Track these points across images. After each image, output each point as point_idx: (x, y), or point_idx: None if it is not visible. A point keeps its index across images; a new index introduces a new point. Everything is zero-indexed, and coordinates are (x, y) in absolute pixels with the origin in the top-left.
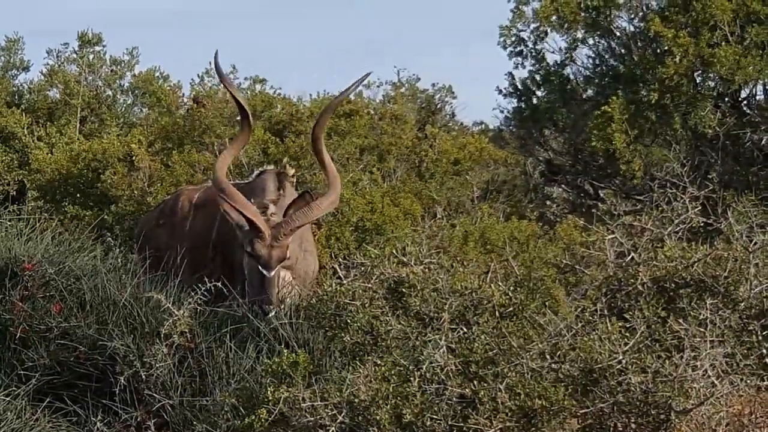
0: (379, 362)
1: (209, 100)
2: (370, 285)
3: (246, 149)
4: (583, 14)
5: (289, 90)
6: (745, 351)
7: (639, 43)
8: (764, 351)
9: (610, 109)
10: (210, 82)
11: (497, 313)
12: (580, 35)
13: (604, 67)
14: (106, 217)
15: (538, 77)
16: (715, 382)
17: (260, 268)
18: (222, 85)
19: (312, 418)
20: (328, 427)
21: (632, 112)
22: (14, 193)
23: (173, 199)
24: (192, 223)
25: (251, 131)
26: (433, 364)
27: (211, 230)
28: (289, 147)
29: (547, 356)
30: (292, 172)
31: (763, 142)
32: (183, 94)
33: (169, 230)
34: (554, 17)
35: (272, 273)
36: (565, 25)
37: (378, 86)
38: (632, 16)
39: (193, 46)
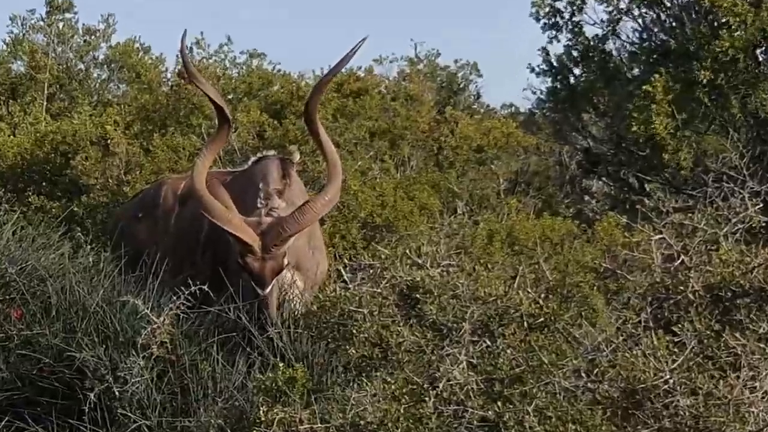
0: (389, 379)
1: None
2: (379, 290)
3: (239, 132)
4: None
5: (290, 66)
6: None
7: (693, 15)
8: None
9: (651, 89)
10: (199, 54)
11: (526, 324)
12: (623, 5)
13: (651, 42)
14: (75, 209)
15: (575, 53)
16: None
17: (253, 284)
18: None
19: None
20: None
21: (680, 93)
22: None
23: (154, 189)
24: (178, 218)
25: (230, 129)
26: (451, 382)
27: (201, 225)
28: (289, 130)
29: (583, 374)
30: (297, 157)
31: None
32: (167, 68)
33: (150, 225)
34: None
35: (267, 290)
36: None
37: (391, 62)
38: None
39: (180, 14)
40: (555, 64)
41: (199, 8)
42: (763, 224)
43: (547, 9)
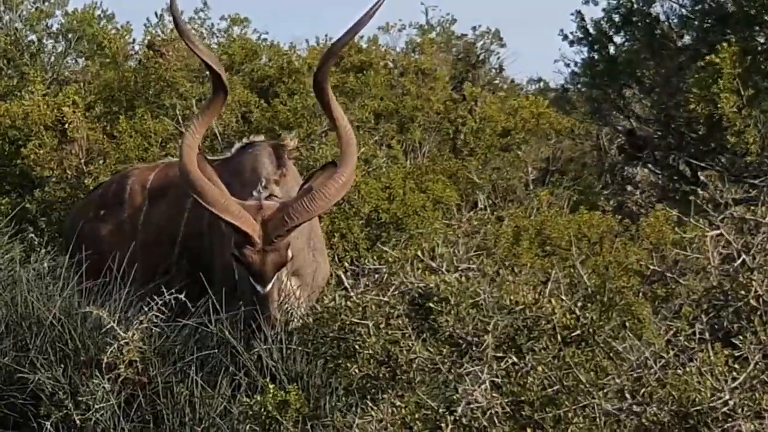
0: (398, 402)
1: (170, 46)
2: (386, 299)
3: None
4: None
5: (279, 35)
6: None
7: None
8: None
9: (718, 60)
10: (171, 22)
11: (559, 338)
12: None
13: (706, 5)
14: (28, 205)
15: (616, 18)
16: None
17: (252, 281)
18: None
19: None
20: None
21: (747, 66)
22: None
23: (118, 182)
24: (148, 215)
25: (226, 97)
26: (471, 406)
27: (177, 223)
28: (279, 111)
29: (628, 395)
30: (293, 144)
31: None
32: (134, 39)
33: (115, 224)
34: None
35: (268, 287)
36: None
37: (400, 30)
38: None
39: None
40: (592, 31)
41: None
42: None
43: None
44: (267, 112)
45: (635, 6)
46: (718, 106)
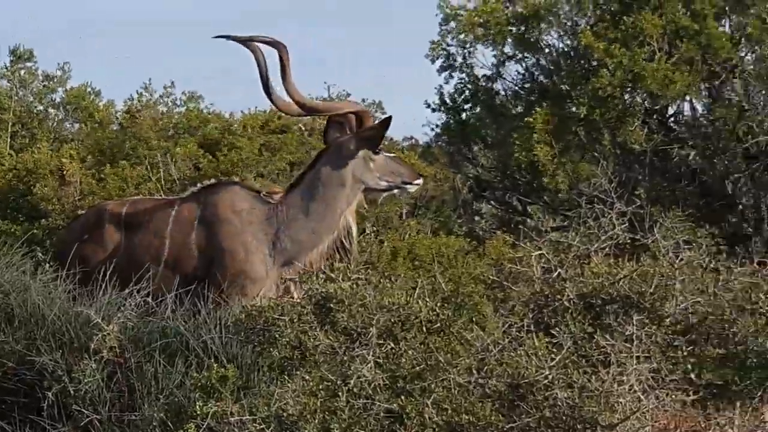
0: (307, 377)
1: (143, 112)
2: (298, 300)
3: (176, 164)
4: (511, 28)
5: (223, 106)
6: (671, 366)
7: (568, 60)
8: (689, 366)
9: (532, 120)
10: (145, 97)
11: (424, 329)
12: (509, 50)
13: (532, 84)
14: (36, 231)
15: (466, 92)
16: (641, 397)
17: None
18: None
19: None
20: None
21: (558, 126)
22: None
23: (96, 213)
24: (128, 239)
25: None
26: (360, 379)
27: (160, 246)
28: (221, 162)
29: (474, 371)
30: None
31: (689, 158)
32: (116, 110)
33: (97, 245)
34: (480, 29)
35: None
36: (492, 38)
37: None
38: (561, 32)
39: (128, 61)
40: (448, 101)
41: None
42: (629, 240)
43: (442, 52)
44: (213, 163)
45: (480, 84)
46: (535, 154)
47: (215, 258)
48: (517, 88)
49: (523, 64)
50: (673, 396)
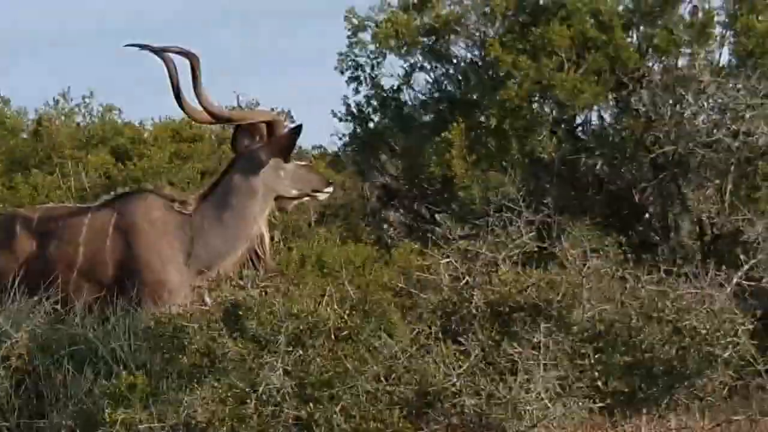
0: (216, 384)
1: (59, 119)
2: (207, 307)
3: (87, 174)
4: (421, 38)
5: (135, 114)
6: (578, 374)
7: (477, 70)
8: (596, 374)
9: (450, 136)
10: (63, 107)
11: (333, 336)
12: (418, 60)
13: (441, 93)
14: None
15: (374, 102)
16: (548, 404)
17: None
18: None
19: None
20: None
21: (468, 135)
22: None
23: (7, 221)
24: (41, 247)
25: None
26: (269, 387)
27: (74, 254)
28: (132, 170)
29: (383, 379)
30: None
31: (597, 167)
32: (29, 119)
33: (7, 253)
34: (393, 40)
35: None
36: (404, 48)
37: None
38: (470, 43)
39: (41, 74)
40: (356, 111)
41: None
42: (536, 249)
43: (350, 63)
44: (123, 171)
45: (388, 93)
46: (452, 169)
47: (131, 267)
48: (425, 97)
49: (432, 75)
50: (581, 403)
